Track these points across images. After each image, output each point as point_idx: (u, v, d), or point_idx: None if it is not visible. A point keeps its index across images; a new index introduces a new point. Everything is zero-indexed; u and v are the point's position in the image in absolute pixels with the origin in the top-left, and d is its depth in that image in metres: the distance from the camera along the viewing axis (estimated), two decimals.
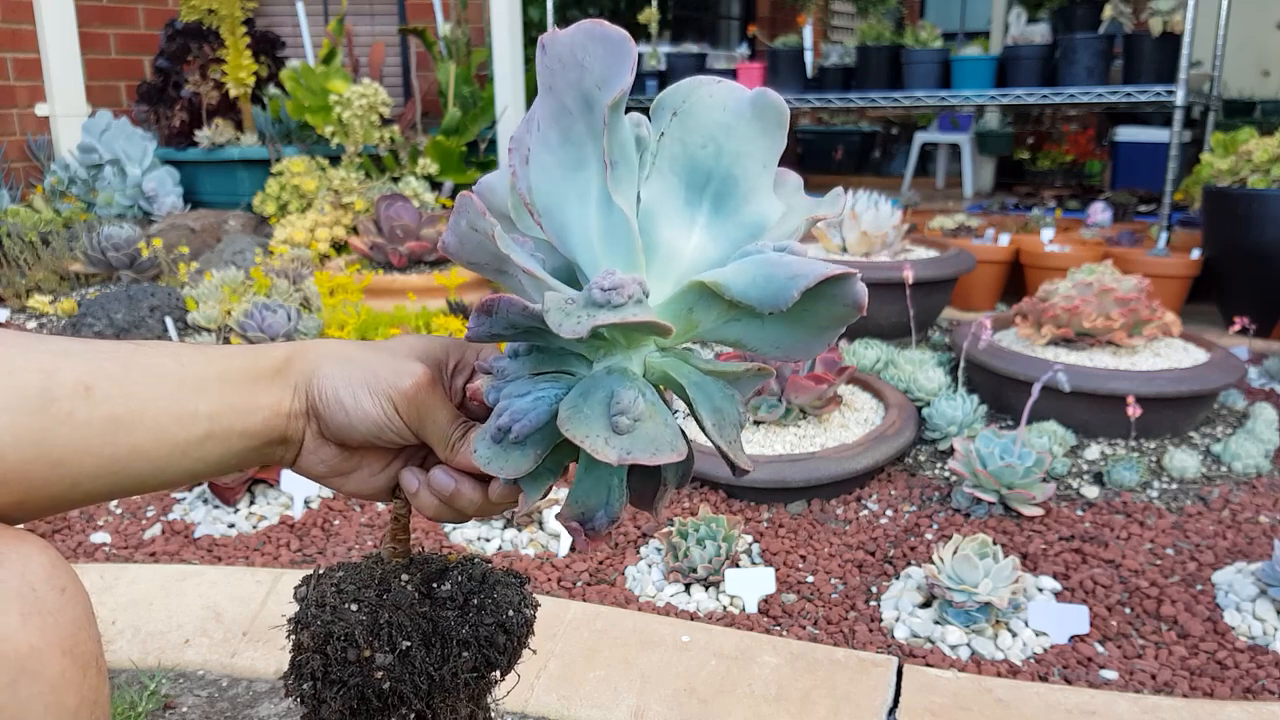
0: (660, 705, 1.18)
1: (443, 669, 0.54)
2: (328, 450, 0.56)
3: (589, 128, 0.45)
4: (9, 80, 3.88)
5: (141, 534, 1.61)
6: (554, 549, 1.55)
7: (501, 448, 0.48)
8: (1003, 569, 1.31)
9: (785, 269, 0.43)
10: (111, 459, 0.49)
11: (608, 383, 0.46)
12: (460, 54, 4.08)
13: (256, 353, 0.54)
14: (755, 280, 0.43)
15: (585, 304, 0.43)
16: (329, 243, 3.18)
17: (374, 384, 0.53)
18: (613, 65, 0.43)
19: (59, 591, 0.47)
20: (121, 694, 1.22)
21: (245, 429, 0.52)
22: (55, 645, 0.45)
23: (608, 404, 0.45)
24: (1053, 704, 1.16)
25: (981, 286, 3.09)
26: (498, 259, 0.47)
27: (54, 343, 0.49)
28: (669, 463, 0.44)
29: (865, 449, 1.73)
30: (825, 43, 4.97)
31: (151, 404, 0.50)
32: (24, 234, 3.20)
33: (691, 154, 0.47)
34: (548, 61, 0.45)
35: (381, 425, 0.54)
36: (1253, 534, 1.58)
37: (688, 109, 0.46)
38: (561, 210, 0.47)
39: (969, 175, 5.32)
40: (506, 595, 0.58)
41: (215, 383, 0.52)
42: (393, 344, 0.57)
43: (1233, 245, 2.76)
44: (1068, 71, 3.40)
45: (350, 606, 0.55)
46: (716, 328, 0.47)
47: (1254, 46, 5.67)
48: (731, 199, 0.47)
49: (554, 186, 0.47)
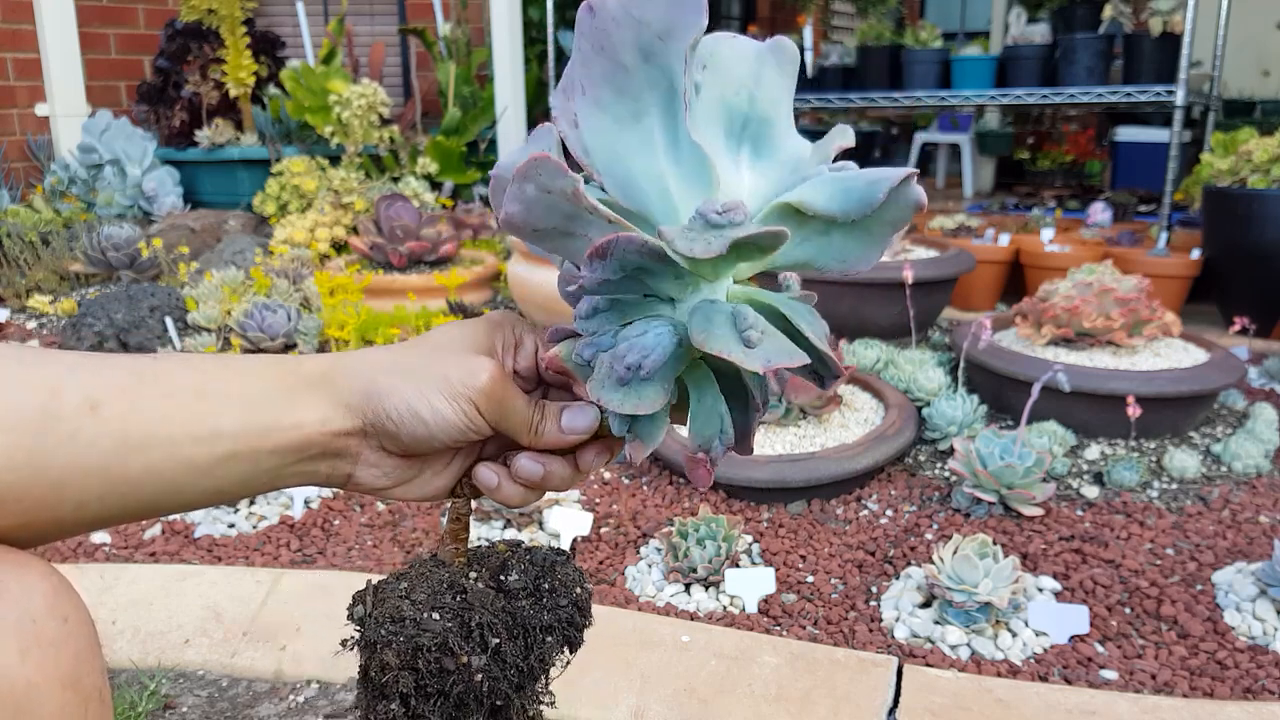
0: (660, 705, 1.18)
1: (529, 657, 0.55)
2: (390, 462, 0.53)
3: (648, 79, 0.47)
4: (9, 80, 3.88)
5: (141, 534, 1.61)
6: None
7: (631, 388, 0.49)
8: (1003, 569, 1.31)
9: (860, 179, 0.46)
10: (121, 480, 0.46)
11: (723, 308, 0.49)
12: (460, 54, 4.08)
13: (286, 365, 0.52)
14: (835, 194, 0.46)
15: (706, 227, 0.45)
16: (329, 243, 3.18)
17: (450, 390, 0.51)
18: (679, 13, 0.45)
19: (61, 621, 0.45)
20: (121, 694, 1.22)
21: (277, 446, 0.49)
22: (55, 680, 0.44)
23: (734, 323, 0.47)
24: (1053, 704, 1.16)
25: (981, 286, 3.09)
26: (568, 219, 0.48)
27: (62, 357, 0.47)
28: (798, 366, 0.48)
29: (865, 449, 1.73)
30: (825, 43, 4.97)
31: (165, 422, 0.47)
32: (24, 234, 3.20)
33: (727, 101, 0.50)
34: (597, 23, 0.47)
35: (464, 429, 0.52)
36: (1253, 534, 1.59)
37: (716, 62, 0.49)
38: (625, 162, 0.49)
39: (969, 175, 5.32)
40: (569, 574, 0.59)
41: (239, 399, 0.49)
42: (441, 341, 0.54)
43: (1233, 245, 2.76)
44: (1068, 71, 3.40)
45: (432, 615, 0.53)
46: (790, 249, 0.49)
47: (1254, 46, 5.67)
48: (769, 140, 0.50)
49: (613, 142, 0.48)
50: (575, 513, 1.58)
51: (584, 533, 1.56)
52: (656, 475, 1.82)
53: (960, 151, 5.40)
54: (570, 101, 0.49)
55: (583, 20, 0.47)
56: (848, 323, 2.42)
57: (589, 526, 1.56)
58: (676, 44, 0.46)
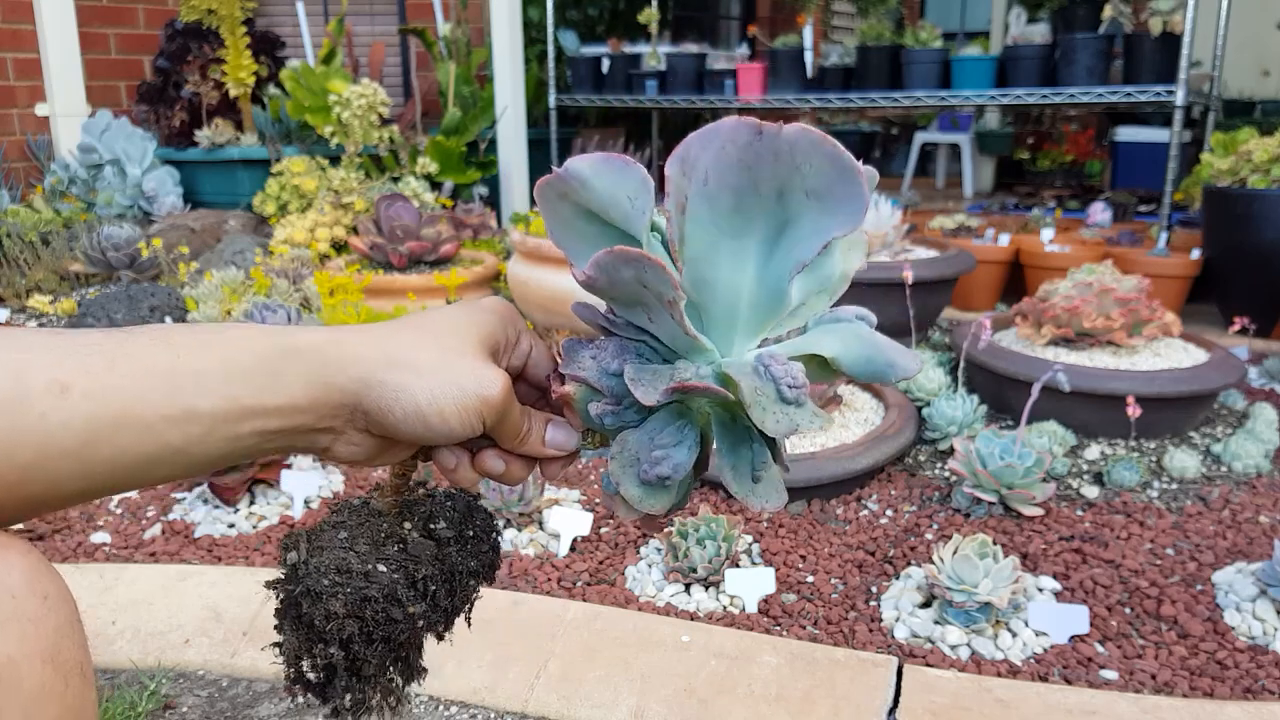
0: (660, 705, 1.18)
1: (454, 599, 0.58)
2: (370, 442, 0.53)
3: (770, 212, 0.49)
4: (9, 80, 3.88)
5: (141, 534, 1.61)
6: (554, 549, 1.55)
7: (652, 489, 0.53)
8: (1003, 569, 1.31)
9: (883, 355, 0.52)
10: (93, 461, 0.45)
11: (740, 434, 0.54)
12: (460, 54, 4.08)
13: (275, 338, 0.50)
14: (860, 359, 0.52)
15: (776, 400, 0.49)
16: (329, 243, 3.18)
17: (462, 400, 0.50)
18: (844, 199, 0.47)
19: (41, 599, 0.44)
20: (121, 694, 1.22)
21: (257, 427, 0.49)
22: (35, 654, 0.43)
23: (751, 460, 0.53)
24: (1053, 704, 1.16)
25: (981, 286, 3.09)
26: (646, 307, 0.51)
27: (30, 337, 0.46)
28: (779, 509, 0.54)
29: (865, 449, 1.73)
30: (825, 43, 4.98)
31: (137, 403, 0.46)
32: (24, 234, 3.20)
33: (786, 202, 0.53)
34: (759, 146, 0.47)
35: (463, 435, 0.52)
36: (1253, 534, 1.58)
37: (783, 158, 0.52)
38: (712, 267, 0.51)
39: (969, 175, 5.32)
40: (485, 519, 0.62)
41: (217, 375, 0.47)
42: (449, 335, 0.53)
43: (1233, 245, 2.76)
44: (1068, 71, 3.39)
45: (379, 568, 0.55)
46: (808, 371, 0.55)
47: (1254, 46, 5.67)
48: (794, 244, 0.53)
49: (710, 244, 0.50)
50: (575, 513, 1.58)
51: (584, 533, 1.56)
52: None
53: (960, 151, 5.40)
54: (687, 181, 0.49)
55: (742, 131, 0.47)
56: None
57: (589, 526, 1.56)
58: (822, 205, 0.48)
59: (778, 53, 4.01)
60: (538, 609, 1.35)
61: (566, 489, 1.75)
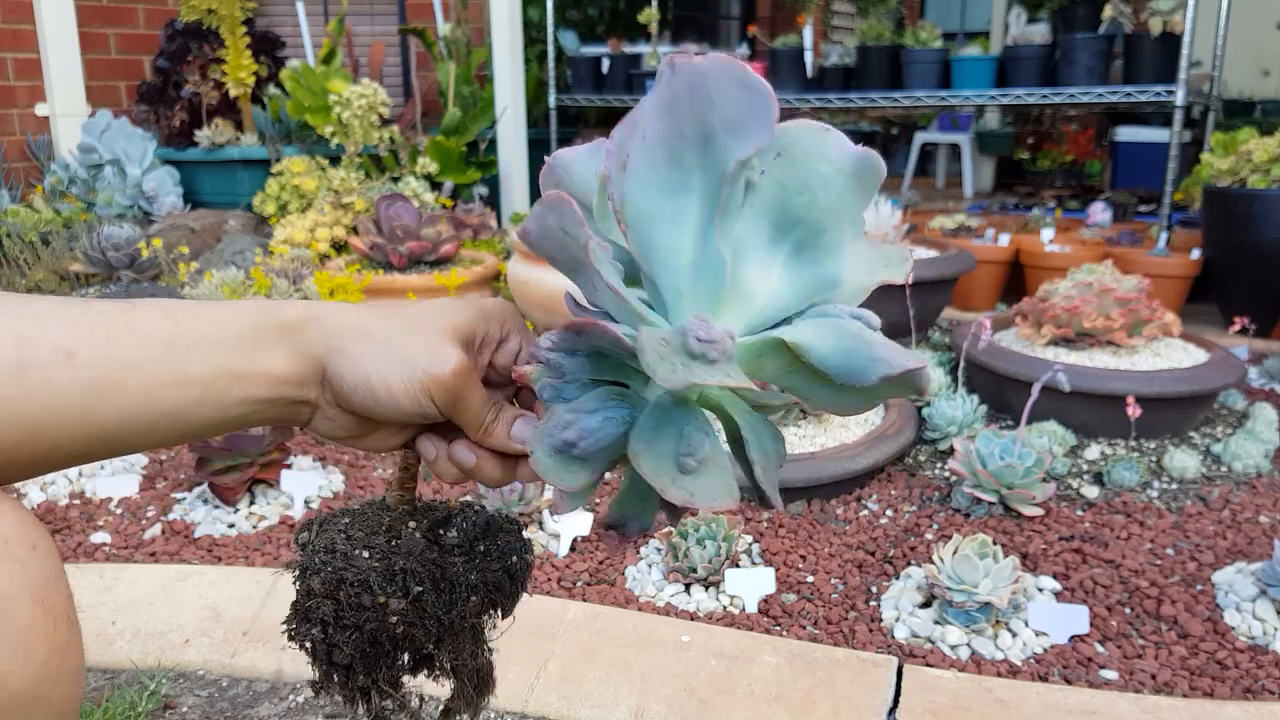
0: (660, 705, 1.18)
1: (451, 612, 0.56)
2: (345, 418, 0.54)
3: (700, 159, 0.46)
4: (9, 80, 3.88)
5: (141, 534, 1.61)
6: (554, 549, 1.55)
7: (564, 459, 0.49)
8: (1003, 569, 1.31)
9: (867, 349, 0.45)
10: (94, 424, 0.48)
11: (675, 417, 0.48)
12: (460, 54, 4.08)
13: (261, 313, 0.52)
14: (837, 351, 0.45)
15: (680, 351, 0.43)
16: (329, 243, 3.18)
17: (409, 373, 0.51)
18: (750, 116, 0.44)
19: (30, 548, 0.46)
20: (121, 694, 1.22)
21: (244, 395, 0.51)
22: (25, 593, 0.45)
23: (677, 443, 0.47)
24: (1053, 704, 1.16)
25: (981, 286, 3.09)
26: (579, 262, 0.48)
27: (36, 304, 0.48)
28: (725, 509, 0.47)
29: (865, 449, 1.73)
30: (825, 43, 4.97)
31: (137, 369, 0.48)
32: (24, 234, 3.20)
33: (787, 198, 0.47)
34: (673, 85, 0.45)
35: (413, 414, 0.52)
36: (1253, 534, 1.59)
37: (792, 153, 0.47)
38: (653, 228, 0.47)
39: (969, 175, 5.32)
40: (509, 541, 0.60)
41: (210, 344, 0.50)
42: (420, 317, 0.54)
43: (1233, 245, 2.76)
44: (1068, 71, 3.40)
45: (362, 553, 0.55)
46: (779, 376, 0.48)
47: (1254, 46, 5.67)
48: (814, 249, 0.48)
49: (650, 204, 0.47)
50: (575, 513, 1.58)
51: (584, 533, 1.56)
52: None
53: (960, 151, 5.40)
54: (629, 140, 0.47)
55: (663, 72, 0.46)
56: None
57: (589, 526, 1.56)
58: (737, 141, 0.44)
59: (778, 53, 4.01)
60: (538, 609, 1.35)
61: None
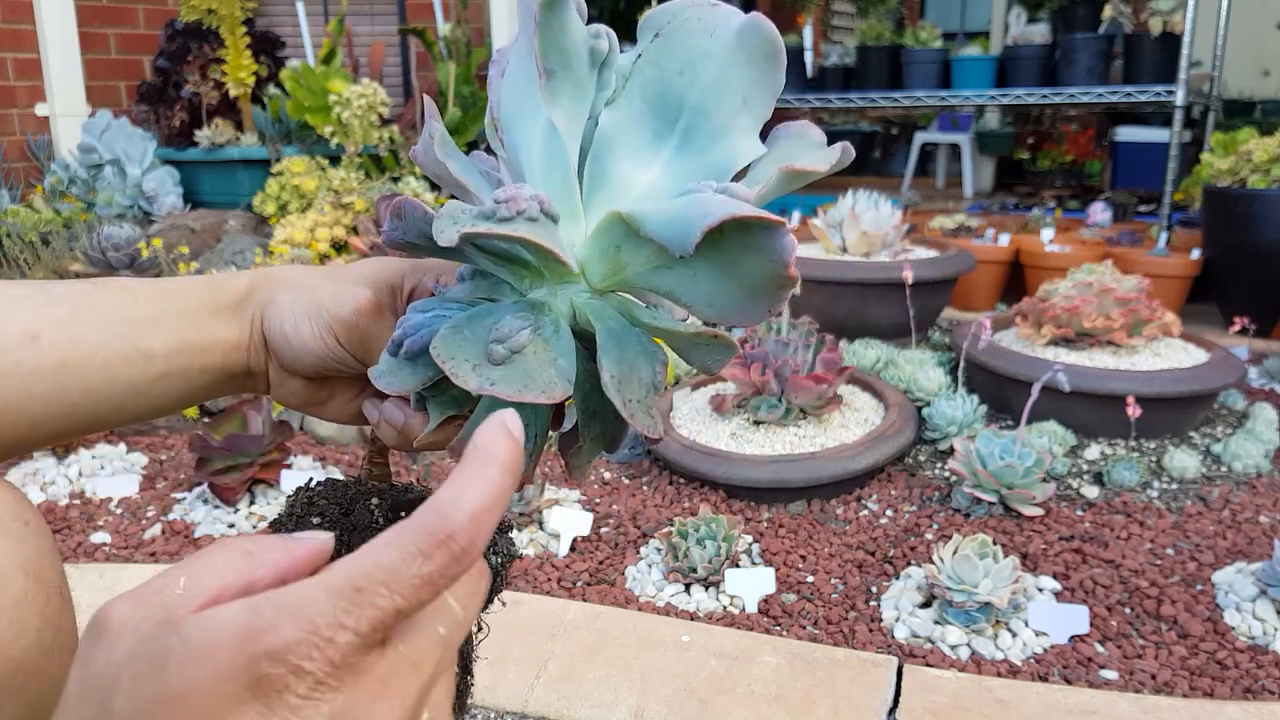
0: (660, 705, 1.18)
1: None
2: (295, 383, 0.54)
3: None
4: (9, 80, 3.88)
5: (141, 534, 1.61)
6: (554, 549, 1.55)
7: (396, 362, 0.47)
8: (1003, 569, 1.31)
9: (699, 207, 0.37)
10: (65, 404, 0.49)
11: (501, 310, 0.43)
12: (460, 54, 4.08)
13: (218, 284, 0.53)
14: (669, 217, 0.38)
15: (475, 215, 0.40)
16: (329, 243, 3.18)
17: (315, 311, 0.51)
18: None
19: (23, 524, 0.48)
20: None
21: (204, 365, 0.52)
22: (19, 566, 0.46)
23: (489, 330, 0.42)
24: (1053, 704, 1.16)
25: (981, 286, 3.09)
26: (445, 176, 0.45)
27: (5, 289, 0.49)
28: (538, 403, 0.40)
29: (865, 449, 1.73)
30: (825, 43, 4.98)
31: (102, 347, 0.49)
32: (24, 234, 3.20)
33: (667, 80, 0.43)
34: None
35: (323, 355, 0.51)
36: (1253, 534, 1.58)
37: (671, 30, 0.43)
38: (516, 127, 0.44)
39: (969, 175, 5.31)
40: None
41: (171, 319, 0.51)
42: (349, 268, 0.54)
43: (1233, 245, 2.76)
44: (1068, 71, 3.40)
45: (314, 520, 0.55)
46: (646, 274, 0.42)
47: (1254, 46, 5.67)
48: (700, 134, 0.43)
49: (515, 102, 0.44)
50: (575, 513, 1.58)
51: (584, 533, 1.56)
52: (657, 475, 1.82)
53: (960, 151, 5.40)
54: (511, 47, 0.45)
55: None
56: (848, 323, 2.42)
57: (589, 526, 1.56)
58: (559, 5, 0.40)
59: None
60: (538, 609, 1.35)
61: (566, 489, 1.75)
